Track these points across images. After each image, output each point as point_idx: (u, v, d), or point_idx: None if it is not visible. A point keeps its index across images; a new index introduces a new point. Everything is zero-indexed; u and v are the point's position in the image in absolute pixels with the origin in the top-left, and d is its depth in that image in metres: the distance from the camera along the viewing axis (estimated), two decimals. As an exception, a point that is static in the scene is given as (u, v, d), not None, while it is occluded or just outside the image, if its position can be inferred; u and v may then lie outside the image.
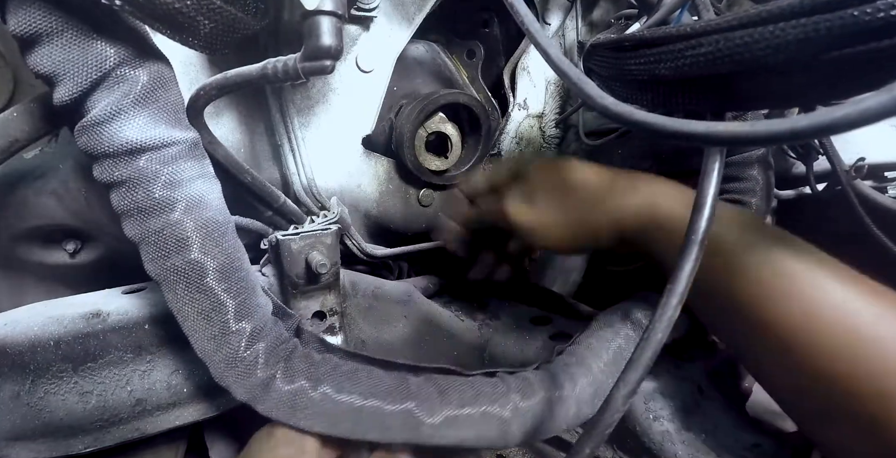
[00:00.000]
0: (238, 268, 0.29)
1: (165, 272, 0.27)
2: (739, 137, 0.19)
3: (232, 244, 0.29)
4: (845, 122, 0.16)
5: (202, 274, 0.28)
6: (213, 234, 0.28)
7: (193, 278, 0.27)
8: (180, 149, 0.28)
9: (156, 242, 0.27)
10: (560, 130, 0.64)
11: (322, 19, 0.28)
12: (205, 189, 0.29)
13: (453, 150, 0.53)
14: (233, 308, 0.28)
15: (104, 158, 0.26)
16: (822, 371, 0.28)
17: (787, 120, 0.17)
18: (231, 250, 0.29)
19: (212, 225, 0.28)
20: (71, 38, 0.24)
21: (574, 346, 0.38)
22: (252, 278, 0.30)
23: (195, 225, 0.28)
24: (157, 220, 0.27)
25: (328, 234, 0.38)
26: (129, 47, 0.26)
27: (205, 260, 0.28)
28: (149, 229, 0.27)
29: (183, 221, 0.27)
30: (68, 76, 0.25)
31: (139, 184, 0.27)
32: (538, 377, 0.34)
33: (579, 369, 0.35)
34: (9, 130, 0.30)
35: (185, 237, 0.27)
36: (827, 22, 0.19)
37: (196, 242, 0.27)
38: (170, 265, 0.27)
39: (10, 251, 0.47)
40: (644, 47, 0.26)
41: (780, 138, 0.18)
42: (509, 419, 0.31)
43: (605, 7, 0.59)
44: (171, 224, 0.27)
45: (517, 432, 0.32)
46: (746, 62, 0.22)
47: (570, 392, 0.34)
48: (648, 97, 0.28)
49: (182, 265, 0.27)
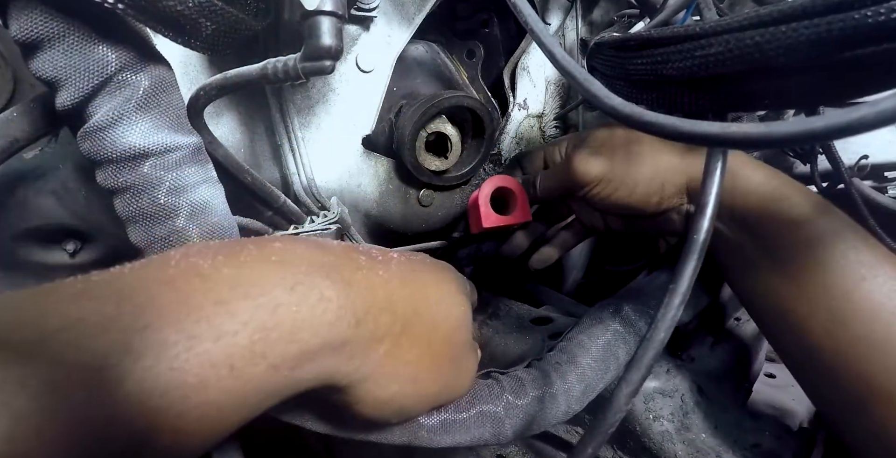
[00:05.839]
0: None
1: None
2: (755, 138, 0.18)
3: None
4: (862, 123, 0.16)
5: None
6: (220, 239, 0.28)
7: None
8: (184, 154, 0.28)
9: (162, 248, 0.27)
10: (560, 130, 0.64)
11: (322, 19, 0.28)
12: (209, 194, 0.29)
13: (453, 150, 0.53)
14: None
15: (107, 163, 0.26)
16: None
17: (803, 121, 0.17)
18: None
19: (217, 230, 0.28)
20: (73, 44, 0.24)
21: (565, 342, 0.39)
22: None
23: (201, 231, 0.28)
24: (162, 227, 0.27)
25: (328, 234, 0.38)
26: (130, 52, 0.26)
27: None
28: (154, 235, 0.27)
29: (188, 228, 0.27)
30: (70, 81, 0.25)
31: (143, 190, 0.27)
32: (530, 376, 0.35)
33: (569, 366, 0.36)
34: (9, 130, 0.30)
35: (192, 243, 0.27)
36: (840, 22, 0.19)
37: None
38: None
39: (10, 251, 0.47)
40: (650, 47, 0.26)
41: (796, 140, 0.17)
42: (503, 418, 0.32)
43: (605, 7, 0.59)
44: (177, 231, 0.27)
45: (509, 430, 0.32)
46: (758, 62, 0.21)
47: (560, 390, 0.34)
48: (653, 97, 0.27)
49: None
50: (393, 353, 0.24)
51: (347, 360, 0.22)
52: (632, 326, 0.39)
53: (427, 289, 0.27)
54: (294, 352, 0.20)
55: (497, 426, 0.32)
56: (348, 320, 0.22)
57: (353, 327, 0.22)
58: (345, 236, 0.48)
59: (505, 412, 0.32)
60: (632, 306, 0.40)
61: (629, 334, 0.38)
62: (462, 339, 0.29)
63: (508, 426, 0.32)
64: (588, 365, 0.36)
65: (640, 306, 0.40)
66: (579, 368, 0.36)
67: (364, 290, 0.23)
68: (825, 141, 0.44)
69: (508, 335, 0.50)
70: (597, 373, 0.36)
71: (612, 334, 0.38)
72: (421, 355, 0.25)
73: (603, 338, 0.38)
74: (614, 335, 0.38)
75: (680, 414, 0.40)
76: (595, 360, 0.36)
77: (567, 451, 0.44)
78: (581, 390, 0.35)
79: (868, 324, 0.30)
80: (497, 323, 0.53)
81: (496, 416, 0.32)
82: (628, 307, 0.40)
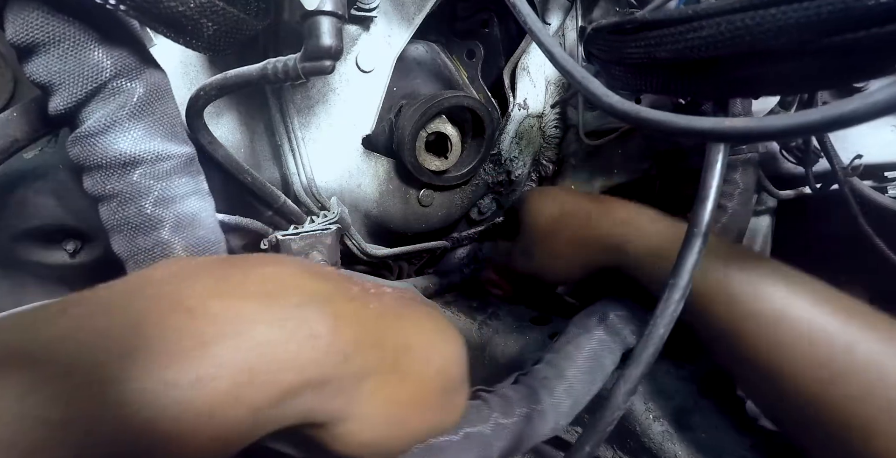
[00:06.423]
0: None
1: None
2: (747, 132, 0.18)
3: None
4: (855, 115, 0.16)
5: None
6: (205, 254, 0.28)
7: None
8: (175, 164, 0.27)
9: (145, 261, 0.27)
10: (560, 130, 0.64)
11: (322, 19, 0.28)
12: (198, 207, 0.28)
13: (453, 150, 0.53)
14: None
15: (96, 169, 0.26)
16: (798, 394, 0.29)
17: (797, 114, 0.17)
18: None
19: (203, 244, 0.28)
20: (68, 48, 0.24)
21: (552, 354, 0.38)
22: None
23: (186, 244, 0.27)
24: (146, 238, 0.26)
25: (328, 234, 0.38)
26: (126, 58, 0.26)
27: None
28: (138, 246, 0.26)
29: (173, 241, 0.27)
30: (64, 86, 0.25)
31: (131, 199, 0.26)
32: (518, 394, 0.34)
33: (557, 381, 0.35)
34: (9, 130, 0.30)
35: (176, 256, 0.27)
36: (829, 6, 0.19)
37: None
38: None
39: (10, 251, 0.47)
40: (645, 30, 0.26)
41: (791, 133, 0.17)
42: (491, 440, 0.31)
43: (605, 6, 0.59)
44: (162, 243, 0.26)
45: (496, 452, 0.31)
46: (748, 46, 0.21)
47: (548, 406, 0.34)
48: (649, 81, 0.27)
49: None
50: (380, 391, 0.23)
51: (331, 398, 0.21)
52: (617, 334, 0.39)
53: (421, 323, 0.26)
54: (277, 392, 0.19)
55: (485, 449, 0.31)
56: (335, 358, 0.21)
57: (341, 363, 0.21)
58: (345, 235, 0.48)
59: (493, 432, 0.31)
60: (617, 313, 0.40)
61: (615, 342, 0.38)
62: (455, 374, 0.27)
63: (496, 447, 0.31)
64: (575, 377, 0.36)
65: (625, 313, 0.40)
66: (566, 381, 0.35)
67: (354, 324, 0.22)
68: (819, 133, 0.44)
69: (508, 335, 0.50)
70: (584, 385, 0.36)
71: (597, 343, 0.38)
72: (412, 393, 0.24)
73: (588, 348, 0.37)
74: (600, 344, 0.38)
75: (680, 414, 0.40)
76: (582, 372, 0.36)
77: (566, 450, 0.44)
78: (569, 404, 0.35)
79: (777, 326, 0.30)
80: (497, 323, 0.53)
81: (484, 438, 0.31)
82: (613, 314, 0.40)
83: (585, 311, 0.42)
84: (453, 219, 0.61)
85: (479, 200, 0.63)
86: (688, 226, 0.24)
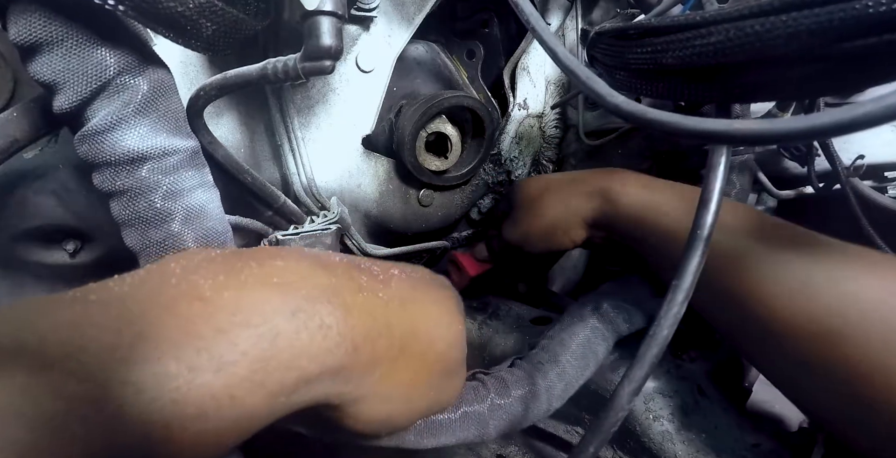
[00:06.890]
0: None
1: None
2: (757, 135, 0.18)
3: None
4: (866, 119, 0.15)
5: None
6: (214, 244, 0.29)
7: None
8: (181, 158, 0.28)
9: (157, 253, 0.27)
10: (560, 130, 0.64)
11: (322, 19, 0.28)
12: (205, 198, 0.29)
13: (453, 150, 0.53)
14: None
15: (105, 166, 0.26)
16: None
17: (808, 117, 0.17)
18: None
19: (212, 235, 0.28)
20: (71, 47, 0.24)
21: (547, 340, 0.40)
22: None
23: (196, 236, 0.28)
24: (158, 231, 0.27)
25: (328, 234, 0.38)
26: (129, 55, 0.26)
27: None
28: (150, 239, 0.27)
29: (183, 233, 0.27)
30: (68, 85, 0.25)
31: (140, 194, 0.26)
32: (513, 376, 0.36)
33: (551, 365, 0.37)
34: (9, 130, 0.30)
35: (187, 248, 0.27)
36: (841, 12, 0.18)
37: None
38: None
39: (10, 251, 0.47)
40: (650, 36, 0.26)
41: (801, 136, 0.17)
42: (487, 419, 0.33)
43: (605, 7, 0.59)
44: (173, 235, 0.27)
45: (493, 430, 0.33)
46: (758, 52, 0.21)
47: (542, 388, 0.36)
48: (654, 87, 0.27)
49: None
50: (388, 375, 0.24)
51: (343, 384, 0.22)
52: (610, 322, 0.40)
53: (426, 308, 0.27)
54: (292, 379, 0.20)
55: (481, 427, 0.33)
56: (346, 347, 0.22)
57: (351, 352, 0.22)
58: (345, 235, 0.48)
59: (489, 412, 0.33)
60: (610, 302, 0.41)
61: (608, 330, 0.40)
62: (455, 356, 0.29)
63: (492, 425, 0.33)
64: (568, 362, 0.37)
65: (618, 302, 0.41)
66: (559, 365, 0.37)
67: (364, 315, 0.23)
68: (829, 137, 0.44)
69: (508, 335, 0.51)
70: (577, 370, 0.37)
71: (591, 331, 0.39)
72: (416, 375, 0.26)
73: (582, 335, 0.39)
74: (593, 332, 0.39)
75: (680, 414, 0.40)
76: (575, 357, 0.38)
77: (567, 451, 0.44)
78: (562, 387, 0.36)
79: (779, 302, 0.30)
80: (497, 323, 0.53)
81: (480, 417, 0.33)
82: (607, 304, 0.41)
83: (580, 300, 0.44)
84: (453, 219, 0.61)
85: (479, 200, 0.63)
86: (691, 229, 0.24)
